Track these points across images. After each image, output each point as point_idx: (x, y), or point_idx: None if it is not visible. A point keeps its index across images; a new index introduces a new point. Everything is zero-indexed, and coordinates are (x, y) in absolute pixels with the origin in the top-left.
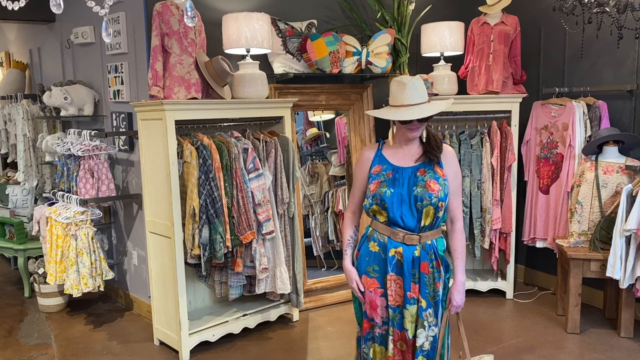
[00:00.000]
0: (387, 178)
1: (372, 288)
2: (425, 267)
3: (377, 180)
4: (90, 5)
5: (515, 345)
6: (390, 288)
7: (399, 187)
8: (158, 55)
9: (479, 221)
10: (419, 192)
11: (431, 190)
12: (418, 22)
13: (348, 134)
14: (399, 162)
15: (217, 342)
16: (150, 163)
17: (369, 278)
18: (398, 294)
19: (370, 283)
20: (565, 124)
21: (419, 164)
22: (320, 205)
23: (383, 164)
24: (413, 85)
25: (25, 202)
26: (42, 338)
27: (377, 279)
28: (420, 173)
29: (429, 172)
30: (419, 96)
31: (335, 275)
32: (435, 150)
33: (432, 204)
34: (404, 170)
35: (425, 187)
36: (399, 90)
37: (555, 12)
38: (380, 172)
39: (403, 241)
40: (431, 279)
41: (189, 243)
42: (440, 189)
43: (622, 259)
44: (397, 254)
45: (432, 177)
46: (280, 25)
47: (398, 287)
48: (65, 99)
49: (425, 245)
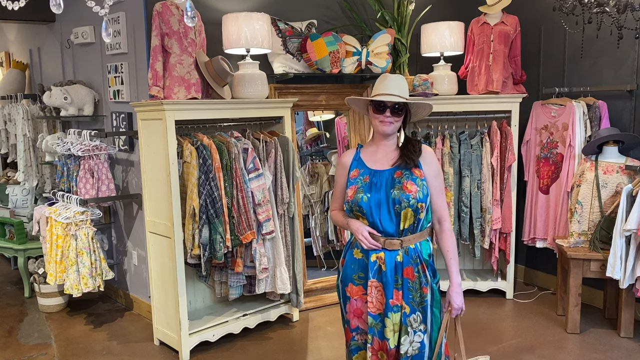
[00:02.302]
0: (364, 183)
1: (358, 296)
2: (410, 272)
3: (354, 186)
4: (90, 5)
5: (515, 345)
6: (370, 294)
7: (376, 191)
8: (158, 55)
9: (479, 221)
10: (396, 194)
11: (408, 192)
12: (418, 22)
13: (348, 134)
14: (375, 166)
15: (217, 342)
16: (150, 163)
17: (355, 286)
18: (379, 300)
19: (356, 291)
20: (565, 124)
21: (395, 167)
22: (320, 205)
23: (360, 168)
24: (394, 79)
25: (25, 202)
26: (42, 338)
27: (362, 286)
28: (397, 175)
29: (405, 173)
30: (397, 89)
31: (335, 276)
32: (413, 154)
33: (411, 206)
34: (381, 173)
35: (402, 189)
36: (380, 82)
37: (555, 12)
38: (358, 176)
39: (384, 246)
40: (417, 284)
41: (189, 243)
42: (417, 190)
43: (622, 259)
44: (378, 259)
45: (409, 178)
46: (280, 25)
47: (379, 294)
48: (65, 99)
49: (408, 250)
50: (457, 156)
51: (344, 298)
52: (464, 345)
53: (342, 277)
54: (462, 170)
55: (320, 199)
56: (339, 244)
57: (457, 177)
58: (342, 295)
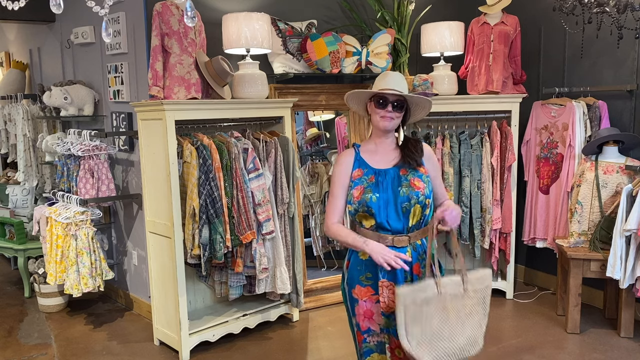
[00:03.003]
0: (371, 183)
1: (367, 297)
2: (417, 268)
3: (360, 186)
4: (90, 5)
5: (515, 345)
6: (382, 294)
7: (384, 190)
8: (158, 55)
9: (479, 221)
10: (404, 191)
11: (417, 189)
12: (418, 22)
13: (348, 134)
14: (378, 165)
15: (217, 342)
16: (150, 163)
17: (362, 287)
18: (391, 299)
19: (365, 292)
20: (565, 124)
21: (399, 165)
22: (320, 205)
23: (364, 168)
24: (395, 76)
25: (25, 202)
26: (42, 338)
27: (370, 286)
28: (403, 173)
29: (410, 171)
30: (399, 85)
31: (335, 275)
32: (415, 154)
33: (420, 202)
34: (386, 172)
35: (410, 186)
36: (381, 79)
37: (555, 12)
38: (362, 176)
39: (393, 244)
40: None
41: (189, 243)
42: (425, 187)
43: (622, 259)
44: None
45: (415, 175)
46: (280, 25)
47: (391, 292)
48: (65, 99)
49: (416, 246)
50: (457, 156)
51: (352, 301)
52: (463, 259)
53: (348, 279)
54: (462, 170)
55: (320, 199)
56: (339, 244)
57: (457, 177)
58: (350, 298)
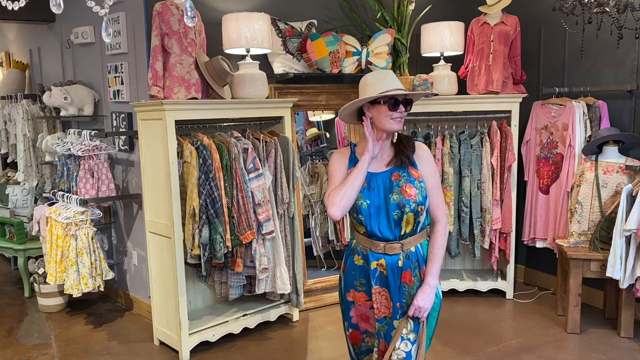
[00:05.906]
0: (363, 188)
1: (361, 301)
2: (407, 276)
3: None
4: (90, 5)
5: (515, 345)
6: (375, 301)
7: (375, 196)
8: (158, 55)
9: (479, 221)
10: (395, 199)
11: (408, 196)
12: (418, 22)
13: (348, 134)
14: (372, 167)
15: (217, 342)
16: (150, 163)
17: (357, 292)
18: (384, 305)
19: (359, 297)
20: (565, 124)
21: (392, 168)
22: (320, 205)
23: None
24: (392, 75)
25: (25, 202)
26: (42, 338)
27: (364, 292)
28: (394, 178)
29: (403, 175)
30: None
31: (335, 276)
32: (407, 149)
33: (412, 210)
34: (377, 176)
35: (401, 193)
36: (381, 78)
37: (555, 12)
38: None
39: (385, 252)
40: (413, 290)
41: (189, 243)
42: (417, 193)
43: (622, 259)
44: (379, 266)
45: (407, 180)
46: (280, 25)
47: (384, 298)
48: (65, 99)
49: (409, 253)
50: (457, 156)
51: (347, 304)
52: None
53: (344, 283)
54: (462, 170)
55: (320, 198)
56: (339, 244)
57: (457, 177)
58: (345, 302)
